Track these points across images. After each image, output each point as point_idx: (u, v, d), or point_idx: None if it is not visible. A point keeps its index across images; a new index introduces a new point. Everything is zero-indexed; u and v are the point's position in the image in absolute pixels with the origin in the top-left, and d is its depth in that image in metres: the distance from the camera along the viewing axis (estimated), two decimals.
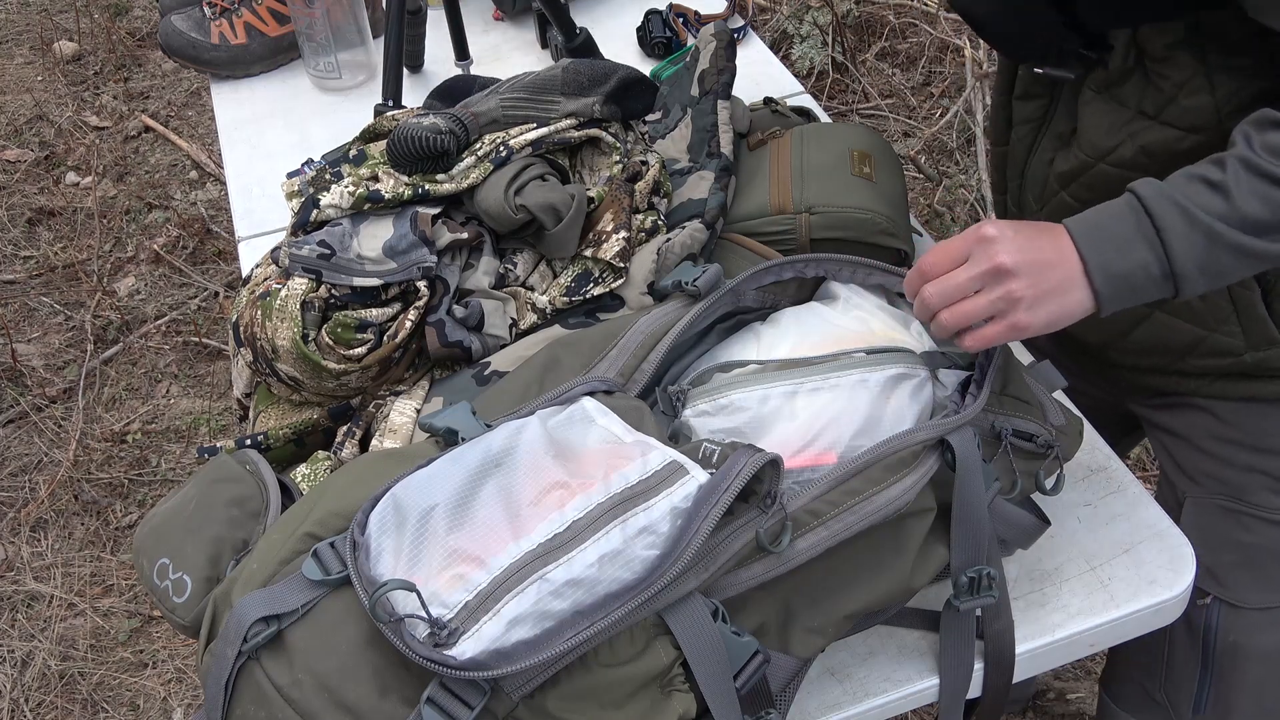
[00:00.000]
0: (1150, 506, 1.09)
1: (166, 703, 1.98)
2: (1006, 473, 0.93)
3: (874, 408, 0.92)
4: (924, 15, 3.09)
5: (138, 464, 2.36)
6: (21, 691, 1.99)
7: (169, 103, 3.31)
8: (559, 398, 0.90)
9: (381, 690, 0.72)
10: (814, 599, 0.85)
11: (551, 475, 0.80)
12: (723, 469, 0.79)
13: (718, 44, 1.30)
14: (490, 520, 0.77)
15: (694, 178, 1.22)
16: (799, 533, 0.82)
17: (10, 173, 3.07)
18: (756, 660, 0.79)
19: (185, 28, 1.70)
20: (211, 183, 3.01)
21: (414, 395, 1.06)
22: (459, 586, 0.73)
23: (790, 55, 2.98)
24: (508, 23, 1.80)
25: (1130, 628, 1.02)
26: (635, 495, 0.78)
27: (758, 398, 0.93)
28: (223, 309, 2.68)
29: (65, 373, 2.55)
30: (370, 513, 0.78)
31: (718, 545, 0.80)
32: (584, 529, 0.76)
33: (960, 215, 2.70)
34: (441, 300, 1.07)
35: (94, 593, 2.14)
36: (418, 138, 1.10)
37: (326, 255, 1.05)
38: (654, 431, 0.87)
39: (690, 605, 0.78)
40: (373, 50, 1.68)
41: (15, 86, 3.38)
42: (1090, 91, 1.05)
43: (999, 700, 0.99)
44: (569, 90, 1.20)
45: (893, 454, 0.86)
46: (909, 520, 0.88)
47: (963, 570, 0.91)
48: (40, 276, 2.79)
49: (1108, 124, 1.03)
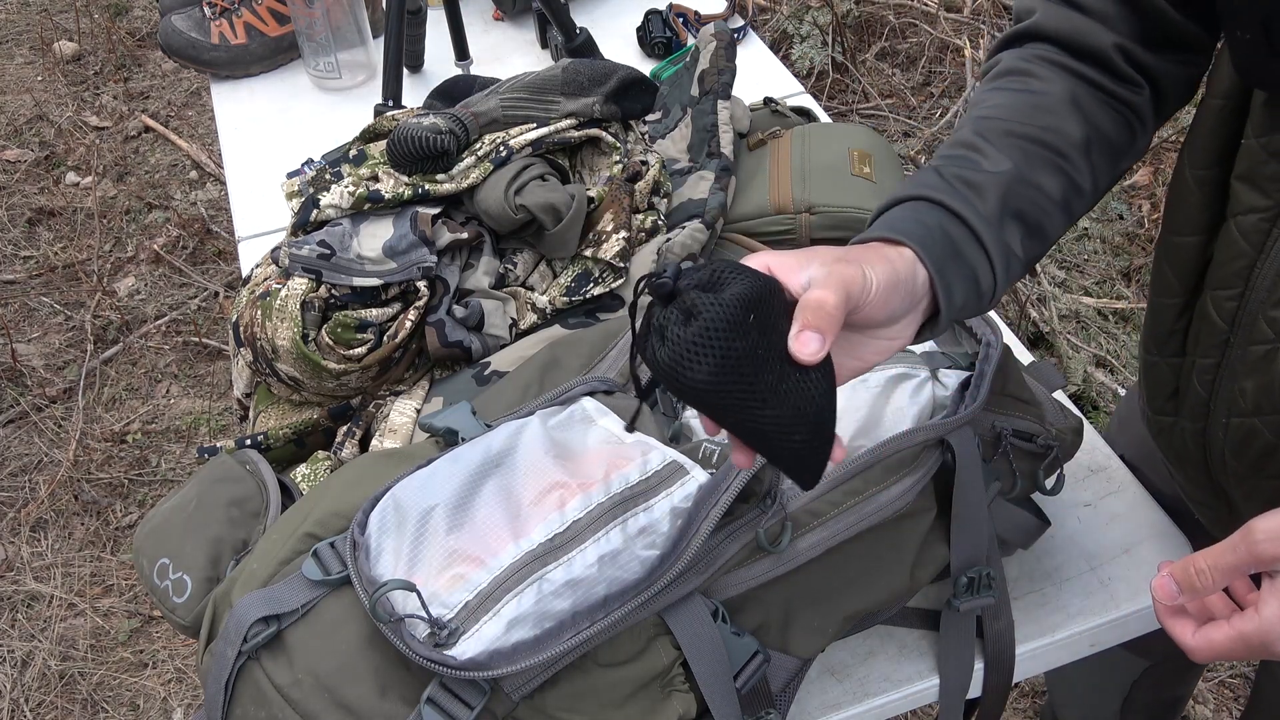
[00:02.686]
0: (1150, 507, 1.09)
1: (166, 703, 1.98)
2: (1006, 473, 0.93)
3: (874, 407, 0.92)
4: (924, 15, 3.09)
5: (138, 464, 2.36)
6: (21, 691, 1.99)
7: (169, 103, 3.31)
8: (559, 398, 0.90)
9: (381, 690, 0.72)
10: (814, 599, 0.85)
11: (551, 475, 0.80)
12: (723, 469, 0.79)
13: (718, 44, 1.30)
14: (490, 520, 0.77)
15: (694, 178, 1.22)
16: (799, 533, 0.82)
17: (10, 173, 3.07)
18: (756, 660, 0.80)
19: (185, 28, 1.70)
20: (211, 183, 3.01)
21: (414, 395, 1.06)
22: (459, 586, 0.73)
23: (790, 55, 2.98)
24: (508, 23, 1.80)
25: (1130, 628, 1.02)
26: (635, 495, 0.78)
27: None
28: (223, 309, 2.67)
29: (65, 373, 2.55)
30: (370, 513, 0.79)
31: (718, 545, 0.80)
32: (584, 529, 0.76)
33: None
34: (441, 300, 1.07)
35: (94, 593, 2.14)
36: (418, 138, 1.10)
37: (326, 255, 1.05)
38: (654, 432, 0.87)
39: (690, 606, 0.78)
40: (373, 50, 1.68)
41: (15, 86, 3.38)
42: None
43: (999, 700, 0.99)
44: (569, 90, 1.20)
45: (893, 454, 0.86)
46: (909, 520, 0.88)
47: (962, 571, 0.91)
48: (40, 276, 2.79)
49: None
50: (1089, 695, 1.48)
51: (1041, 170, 0.79)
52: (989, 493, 0.90)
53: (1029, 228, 0.78)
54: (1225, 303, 0.85)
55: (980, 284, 0.76)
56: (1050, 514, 1.02)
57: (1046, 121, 0.81)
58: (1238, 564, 0.68)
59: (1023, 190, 0.78)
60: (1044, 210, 0.79)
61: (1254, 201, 0.82)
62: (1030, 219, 0.78)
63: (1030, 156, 0.79)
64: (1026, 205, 0.78)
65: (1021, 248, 0.78)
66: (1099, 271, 2.55)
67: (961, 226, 0.75)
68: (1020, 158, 0.79)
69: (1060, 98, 0.82)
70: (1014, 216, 0.77)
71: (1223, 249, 0.85)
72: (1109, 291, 2.50)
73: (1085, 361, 2.30)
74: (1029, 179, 0.79)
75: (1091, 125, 0.82)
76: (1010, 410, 0.94)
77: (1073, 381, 2.26)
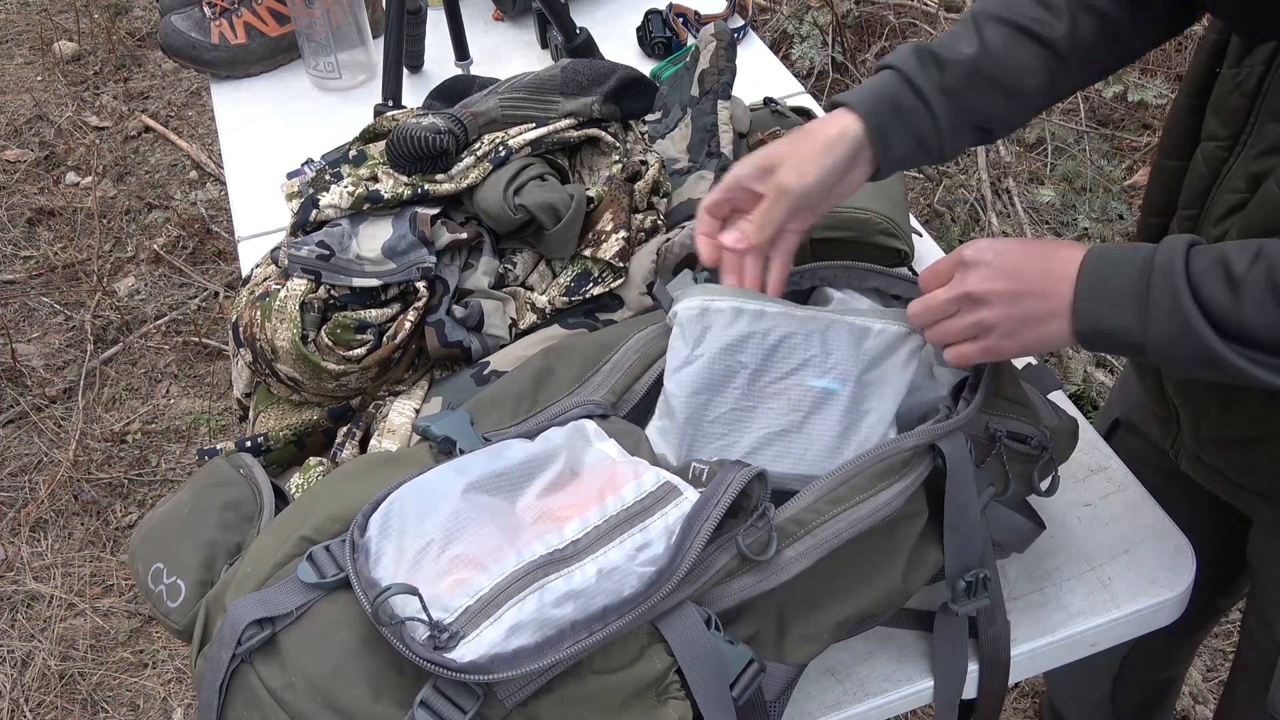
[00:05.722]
0: (1150, 507, 1.09)
1: (166, 703, 1.98)
2: (1000, 475, 0.93)
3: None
4: (924, 15, 3.09)
5: (137, 464, 2.36)
6: (21, 691, 1.99)
7: (169, 103, 3.31)
8: (556, 420, 0.90)
9: (375, 694, 0.72)
10: (808, 606, 0.85)
11: (551, 497, 0.82)
12: (711, 485, 0.80)
13: (718, 44, 1.29)
14: (491, 534, 0.77)
15: (694, 178, 1.22)
16: (786, 542, 0.82)
17: (10, 173, 3.07)
18: (752, 669, 0.80)
19: (185, 28, 1.70)
20: (211, 183, 3.01)
21: (413, 395, 1.06)
22: (460, 591, 0.73)
23: (790, 55, 2.98)
24: (508, 23, 1.80)
25: (1130, 628, 1.02)
26: (632, 516, 0.80)
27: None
28: (223, 309, 2.67)
29: (65, 373, 2.55)
30: (371, 516, 0.78)
31: (709, 556, 0.80)
32: (583, 549, 0.77)
33: (960, 215, 2.70)
34: (441, 300, 1.07)
35: (94, 593, 2.14)
36: (417, 138, 1.10)
37: (325, 256, 1.05)
38: (649, 457, 0.88)
39: (683, 613, 0.78)
40: (373, 50, 1.68)
41: (15, 86, 3.38)
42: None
43: (995, 702, 0.99)
44: (568, 90, 1.20)
45: (881, 461, 0.86)
46: (901, 524, 0.88)
47: (957, 575, 0.91)
48: (40, 276, 2.79)
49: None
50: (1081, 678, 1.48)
51: (1020, 49, 0.95)
52: (983, 498, 0.90)
53: (1006, 92, 0.95)
54: (1185, 222, 0.99)
55: (925, 141, 0.95)
56: (1050, 514, 1.02)
57: (1037, 13, 0.95)
58: (947, 268, 0.89)
59: (990, 65, 0.94)
60: (1014, 78, 0.95)
61: (1215, 130, 0.95)
62: (1007, 85, 0.95)
63: (1011, 38, 0.95)
64: (998, 74, 0.94)
65: (993, 106, 0.96)
66: None
67: (910, 92, 0.94)
68: (1001, 36, 0.95)
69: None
70: (981, 84, 0.94)
71: (1191, 171, 0.98)
72: None
73: (1085, 362, 2.29)
74: (1001, 56, 0.94)
75: (1081, 13, 0.95)
76: (1004, 412, 0.94)
77: (1072, 382, 2.25)
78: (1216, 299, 0.78)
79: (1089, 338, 0.84)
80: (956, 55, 0.94)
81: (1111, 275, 0.82)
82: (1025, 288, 0.85)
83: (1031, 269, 0.85)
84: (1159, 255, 0.81)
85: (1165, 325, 0.79)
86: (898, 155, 0.95)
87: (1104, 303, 0.82)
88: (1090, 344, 0.85)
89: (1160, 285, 0.80)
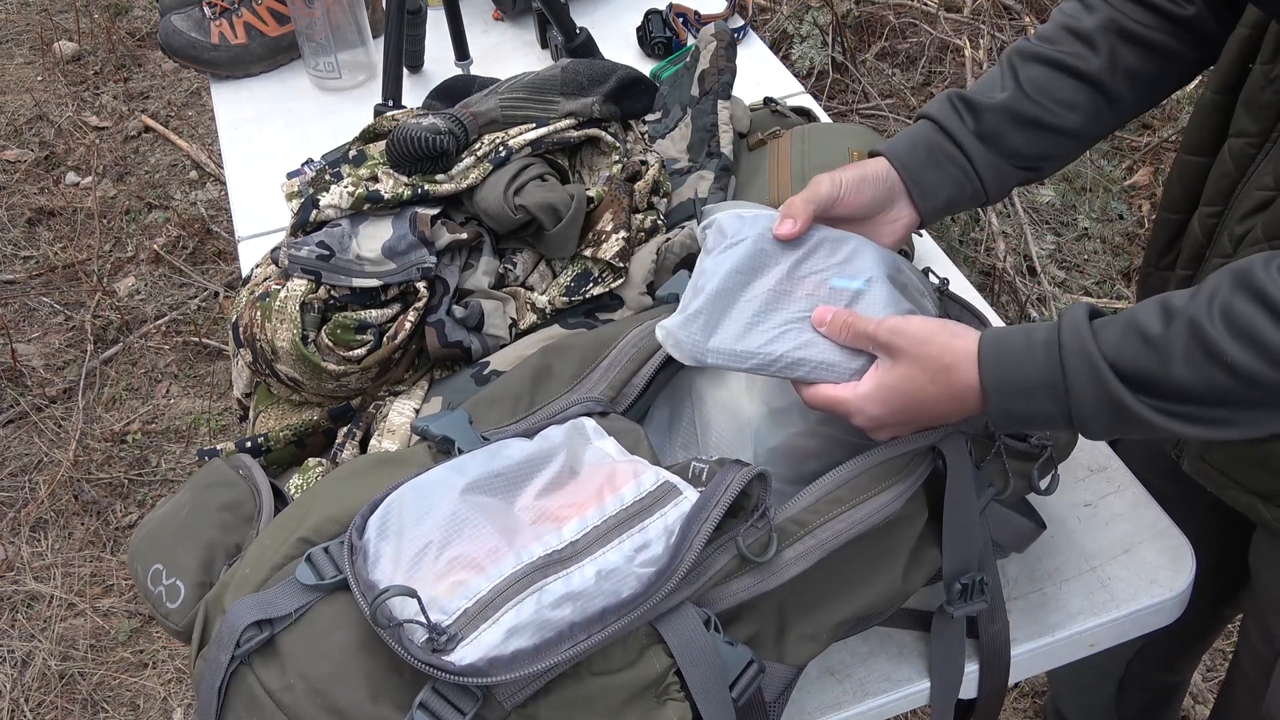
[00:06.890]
0: (1150, 506, 1.09)
1: (166, 703, 1.98)
2: (1000, 474, 0.93)
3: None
4: (924, 15, 3.09)
5: (138, 464, 2.36)
6: (21, 691, 1.99)
7: (169, 103, 3.31)
8: (555, 418, 0.90)
9: (373, 695, 0.72)
10: (808, 606, 0.85)
11: (550, 496, 0.81)
12: (710, 485, 0.80)
13: (718, 44, 1.30)
14: (489, 535, 0.77)
15: (694, 178, 1.22)
16: (786, 543, 0.82)
17: (10, 173, 3.07)
18: (752, 670, 0.79)
19: (185, 28, 1.70)
20: (211, 183, 3.01)
21: (413, 395, 1.06)
22: (458, 593, 0.73)
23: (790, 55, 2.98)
24: (508, 23, 1.80)
25: (1130, 627, 1.02)
26: (631, 516, 0.80)
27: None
28: (223, 309, 2.67)
29: (65, 373, 2.55)
30: (369, 517, 0.78)
31: (708, 557, 0.80)
32: (582, 550, 0.77)
33: (960, 215, 2.70)
34: (441, 300, 1.07)
35: (94, 593, 2.14)
36: (417, 138, 1.10)
37: (325, 256, 1.05)
38: (649, 455, 0.88)
39: (682, 614, 0.78)
40: (373, 50, 1.68)
41: (15, 86, 3.38)
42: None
43: (995, 702, 0.99)
44: (568, 90, 1.20)
45: (880, 464, 0.86)
46: (900, 525, 0.88)
47: (955, 577, 0.91)
48: (40, 276, 2.79)
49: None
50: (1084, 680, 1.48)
51: (1059, 86, 0.95)
52: (982, 499, 0.90)
53: (1049, 130, 0.95)
54: (1207, 219, 0.98)
55: (965, 186, 0.96)
56: (1050, 514, 1.02)
57: (1074, 48, 0.95)
58: (865, 334, 0.85)
59: (1028, 104, 0.95)
60: (1056, 115, 0.95)
61: (1246, 126, 0.93)
62: (1048, 123, 0.95)
63: (1049, 76, 0.95)
64: (1038, 112, 0.95)
65: (1035, 146, 0.96)
66: (1099, 271, 2.55)
67: (945, 139, 0.95)
68: (1038, 75, 0.95)
69: (1096, 25, 0.95)
70: (1020, 125, 0.95)
71: (1217, 168, 0.97)
72: (1109, 291, 2.50)
73: None
74: (1037, 95, 0.95)
75: (1119, 44, 0.95)
76: None
77: None
78: (1141, 367, 0.75)
79: (1006, 425, 0.84)
80: (990, 100, 0.95)
81: (1017, 367, 0.79)
82: (928, 414, 0.83)
83: (928, 397, 0.82)
84: (1065, 336, 0.77)
85: (1092, 406, 0.76)
86: (938, 201, 0.96)
87: (1018, 399, 0.79)
88: (1007, 427, 0.86)
89: (1076, 367, 0.76)
